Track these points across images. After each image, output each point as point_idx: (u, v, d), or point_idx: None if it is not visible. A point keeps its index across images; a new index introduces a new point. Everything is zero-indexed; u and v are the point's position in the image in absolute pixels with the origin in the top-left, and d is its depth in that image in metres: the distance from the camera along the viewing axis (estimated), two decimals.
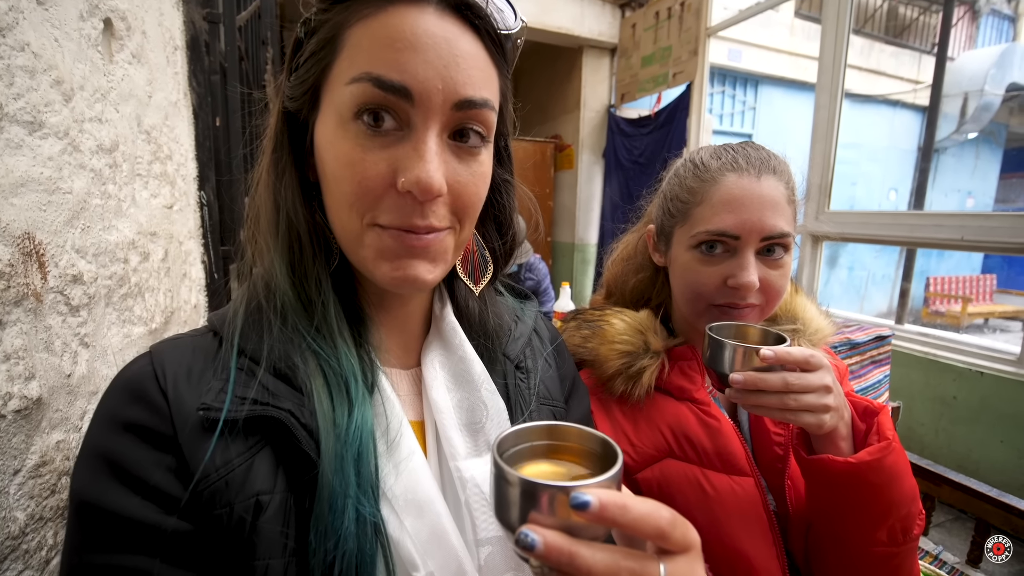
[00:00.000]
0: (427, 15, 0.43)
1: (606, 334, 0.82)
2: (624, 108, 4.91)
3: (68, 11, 0.74)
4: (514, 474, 0.36)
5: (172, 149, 1.23)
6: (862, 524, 0.67)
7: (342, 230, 0.48)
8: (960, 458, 2.51)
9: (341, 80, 0.44)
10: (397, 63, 0.42)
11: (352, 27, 0.44)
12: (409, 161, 0.43)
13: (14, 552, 0.59)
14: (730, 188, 0.76)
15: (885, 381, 1.72)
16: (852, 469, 0.64)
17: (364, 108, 0.43)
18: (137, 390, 0.43)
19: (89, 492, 0.41)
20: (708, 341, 0.68)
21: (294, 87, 0.48)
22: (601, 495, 0.34)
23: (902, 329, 2.86)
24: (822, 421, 0.63)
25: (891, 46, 7.95)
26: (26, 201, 0.62)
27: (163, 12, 1.22)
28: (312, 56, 0.46)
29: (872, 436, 0.66)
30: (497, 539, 0.49)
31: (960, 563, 1.36)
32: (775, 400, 0.63)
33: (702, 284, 0.77)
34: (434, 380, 0.54)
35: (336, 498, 0.41)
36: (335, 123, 0.45)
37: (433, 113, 0.43)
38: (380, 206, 0.45)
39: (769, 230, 0.74)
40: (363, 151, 0.44)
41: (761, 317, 0.79)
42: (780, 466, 0.78)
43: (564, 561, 0.33)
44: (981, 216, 2.36)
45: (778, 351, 0.62)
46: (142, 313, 0.98)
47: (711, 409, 0.79)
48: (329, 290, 0.49)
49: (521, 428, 0.42)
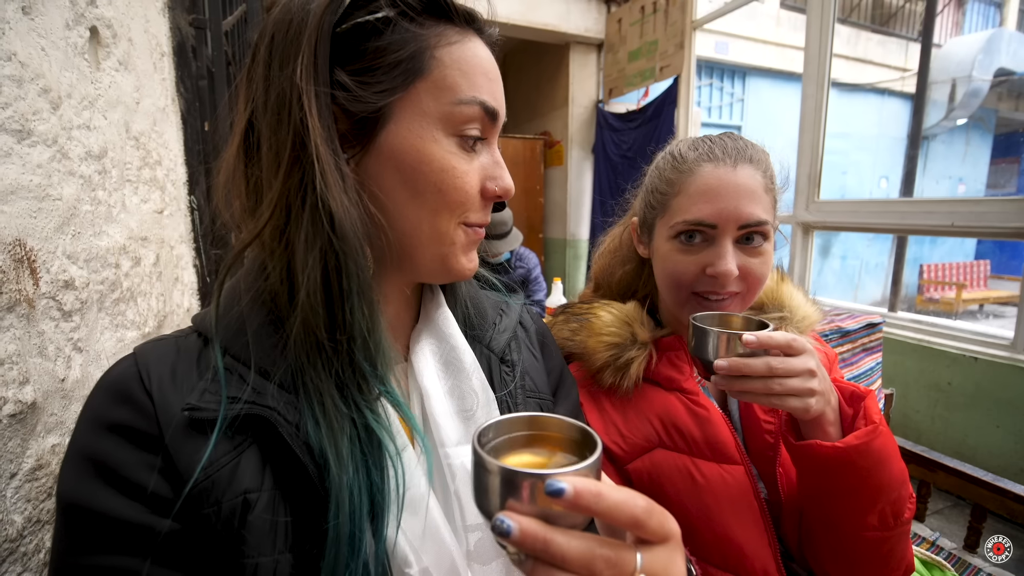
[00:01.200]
0: (484, 48, 0.52)
1: (593, 327, 0.83)
2: (612, 103, 4.92)
3: (54, 20, 0.74)
4: (493, 462, 0.36)
5: (161, 154, 1.23)
6: (852, 509, 0.68)
7: (428, 231, 0.51)
8: (956, 444, 2.53)
9: (443, 98, 0.49)
10: (493, 92, 0.51)
11: (443, 48, 0.49)
12: (497, 171, 0.53)
13: (12, 555, 0.60)
14: (706, 178, 0.77)
15: (877, 368, 1.73)
16: (839, 454, 0.64)
17: (465, 125, 0.50)
18: (122, 391, 0.43)
19: (76, 494, 0.41)
20: (692, 330, 0.68)
21: (372, 92, 0.47)
22: (576, 483, 0.34)
23: (895, 316, 2.88)
24: (808, 405, 0.64)
25: (878, 34, 7.98)
26: (16, 208, 0.63)
27: (149, 19, 1.22)
28: (398, 66, 0.47)
29: (859, 420, 0.67)
30: (486, 525, 0.49)
31: (957, 548, 1.37)
32: (760, 385, 0.63)
33: (681, 273, 0.78)
34: (425, 368, 0.54)
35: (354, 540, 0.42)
36: (429, 135, 0.49)
37: (498, 130, 0.54)
38: (472, 207, 0.52)
39: (746, 218, 0.74)
40: (466, 163, 0.50)
41: (743, 305, 0.80)
42: (771, 454, 0.79)
43: (539, 548, 0.34)
44: (971, 202, 2.38)
45: (760, 336, 0.63)
46: (135, 317, 0.99)
47: (700, 398, 0.80)
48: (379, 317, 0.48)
49: (502, 419, 0.42)
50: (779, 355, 0.64)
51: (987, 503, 1.26)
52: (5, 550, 0.59)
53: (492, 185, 0.52)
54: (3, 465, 0.59)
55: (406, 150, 0.48)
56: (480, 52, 0.51)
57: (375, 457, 0.45)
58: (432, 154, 0.48)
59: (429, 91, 0.48)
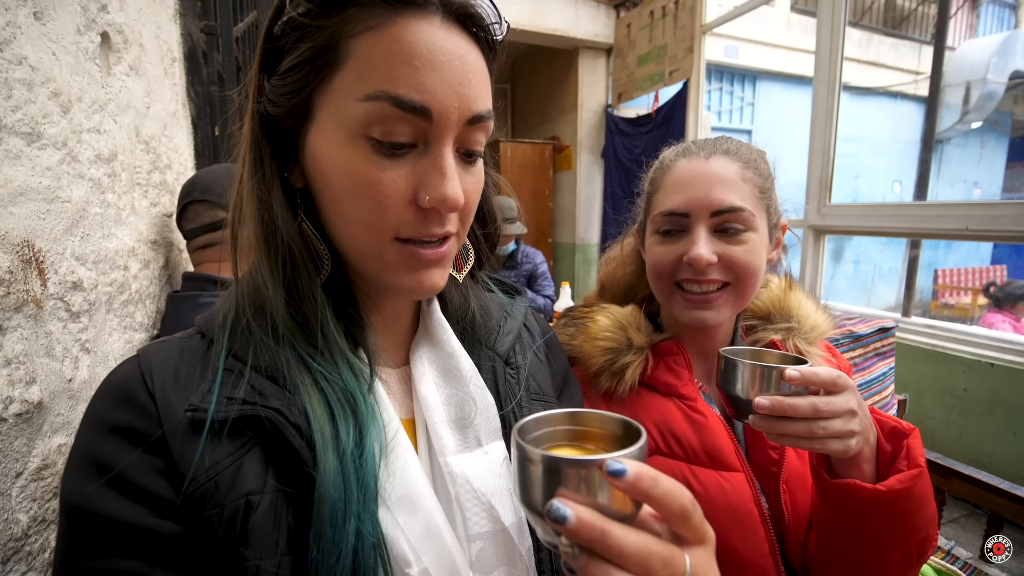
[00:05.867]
0: (435, 28, 0.42)
1: (589, 331, 0.83)
2: (621, 107, 4.92)
3: (65, 25, 0.76)
4: (539, 452, 0.35)
5: (171, 158, 1.25)
6: (879, 547, 0.66)
7: (357, 245, 0.48)
8: (973, 452, 2.47)
9: (349, 95, 0.43)
10: (416, 82, 0.42)
11: (356, 37, 0.42)
12: (432, 178, 0.44)
13: (17, 554, 0.61)
14: (679, 171, 0.78)
15: (890, 374, 1.70)
16: (881, 496, 0.61)
17: (380, 127, 0.43)
18: (125, 393, 0.43)
19: (79, 496, 0.40)
20: (722, 362, 0.64)
21: (279, 93, 0.46)
22: (635, 465, 0.33)
23: (909, 322, 2.83)
24: (848, 446, 0.60)
25: (890, 37, 7.90)
26: (25, 210, 0.63)
27: (160, 25, 1.24)
28: (305, 64, 0.44)
29: (901, 461, 0.64)
30: (488, 534, 0.49)
31: (973, 558, 1.33)
32: (803, 428, 0.58)
33: (661, 264, 0.78)
34: (423, 377, 0.54)
35: (336, 515, 0.41)
36: (342, 138, 0.44)
37: (450, 130, 0.44)
38: (401, 221, 0.45)
39: (717, 204, 0.74)
40: (380, 169, 0.44)
41: (739, 300, 0.78)
42: (775, 470, 0.77)
43: (596, 538, 0.33)
44: (985, 205, 2.34)
45: (804, 371, 0.58)
46: (143, 319, 0.99)
47: (697, 404, 0.78)
48: (326, 307, 0.49)
49: (542, 415, 0.42)
50: (820, 392, 0.60)
51: (1003, 511, 1.23)
52: (10, 549, 0.60)
53: (424, 194, 0.44)
54: (9, 464, 0.60)
55: (322, 157, 0.46)
56: (407, 34, 0.42)
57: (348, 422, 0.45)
58: (350, 163, 0.44)
59: (342, 87, 0.43)
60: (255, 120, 0.48)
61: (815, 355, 0.83)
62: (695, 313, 0.77)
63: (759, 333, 0.86)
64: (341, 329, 0.50)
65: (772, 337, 0.84)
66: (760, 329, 0.86)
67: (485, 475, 0.50)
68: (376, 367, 0.51)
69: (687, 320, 0.78)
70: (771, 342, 0.84)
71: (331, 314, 0.49)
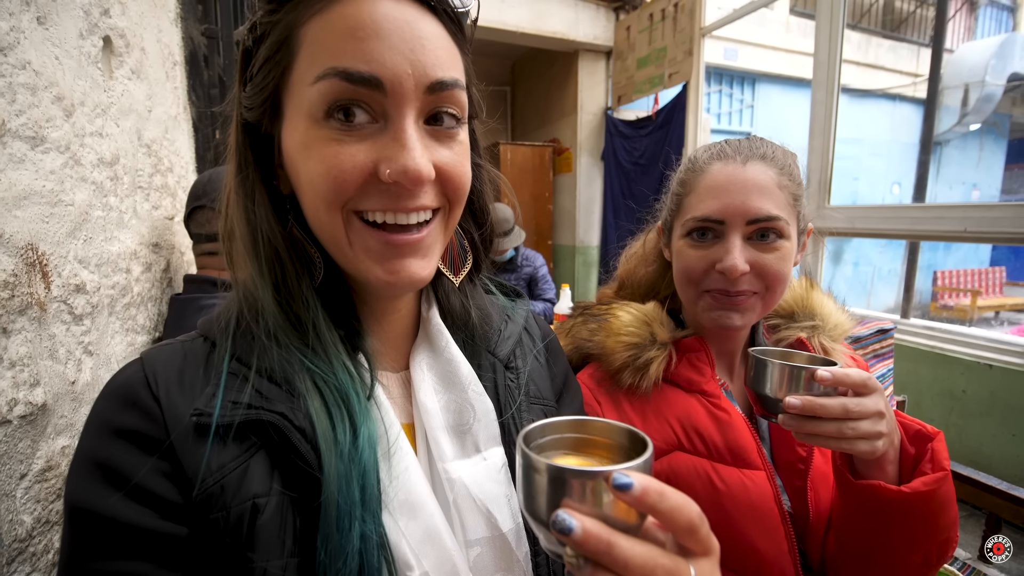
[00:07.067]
0: (382, 0, 0.42)
1: (612, 327, 0.83)
2: (621, 110, 4.93)
3: (68, 30, 0.76)
4: (545, 462, 0.35)
5: (173, 162, 1.25)
6: (901, 548, 0.66)
7: (324, 232, 0.47)
8: (972, 453, 2.48)
9: (304, 81, 0.43)
10: (363, 53, 0.41)
11: (306, 24, 0.43)
12: (391, 151, 0.43)
13: (21, 555, 0.61)
14: (715, 175, 0.76)
15: (889, 375, 1.70)
16: (905, 498, 0.61)
17: (335, 105, 0.42)
18: (129, 396, 0.43)
19: (84, 499, 0.40)
20: (752, 362, 0.65)
21: (252, 97, 0.47)
22: (641, 478, 0.33)
23: (908, 323, 2.84)
24: (875, 448, 0.60)
25: (889, 40, 7.93)
26: (29, 213, 0.64)
27: (162, 29, 1.25)
28: (267, 62, 0.45)
29: (926, 464, 0.64)
30: (486, 540, 0.49)
31: (972, 559, 1.34)
32: (832, 428, 0.59)
33: (691, 269, 0.78)
34: (422, 383, 0.54)
35: (342, 518, 0.41)
36: (305, 126, 0.44)
37: (407, 99, 0.43)
38: (362, 195, 0.44)
39: (754, 213, 0.73)
40: (339, 144, 0.43)
41: (765, 307, 0.78)
42: (802, 467, 0.77)
43: (602, 549, 0.32)
44: (983, 207, 2.35)
45: (835, 372, 0.59)
46: (145, 322, 1.00)
47: (721, 401, 0.79)
48: (318, 308, 0.49)
49: (547, 422, 0.42)
50: (848, 393, 0.60)
51: (1001, 512, 1.23)
52: (15, 550, 0.60)
53: (384, 167, 0.43)
54: (13, 466, 0.60)
55: (293, 151, 0.45)
56: (351, 9, 0.41)
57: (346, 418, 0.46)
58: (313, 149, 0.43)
59: (299, 77, 0.43)
60: (239, 130, 0.49)
61: (840, 353, 0.83)
62: (722, 315, 0.77)
63: (783, 331, 0.86)
64: (338, 333, 0.50)
65: (798, 335, 0.84)
66: (784, 327, 0.86)
67: (483, 481, 0.50)
68: (376, 371, 0.51)
69: (714, 322, 0.78)
70: (798, 340, 0.84)
71: (324, 315, 0.49)
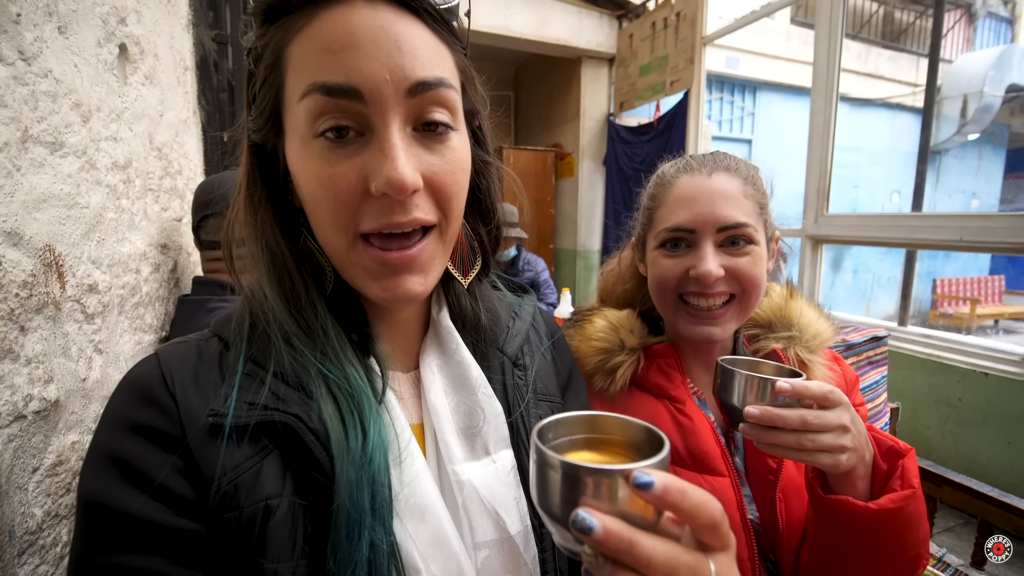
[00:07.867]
0: (357, 10, 0.42)
1: (585, 332, 0.86)
2: (623, 116, 4.97)
3: (87, 38, 0.79)
4: (561, 459, 0.34)
5: (182, 164, 1.27)
6: (870, 564, 0.66)
7: (330, 249, 0.48)
8: (968, 461, 2.49)
9: (294, 99, 0.44)
10: (339, 64, 0.41)
11: (291, 44, 0.44)
12: (376, 163, 0.42)
13: (31, 547, 0.63)
14: (683, 187, 0.80)
15: (883, 382, 1.72)
16: (872, 515, 0.62)
17: (322, 122, 0.43)
18: (146, 392, 0.43)
19: (98, 492, 0.40)
20: (719, 371, 0.66)
21: (255, 119, 0.49)
22: (662, 476, 0.32)
23: (904, 331, 2.86)
24: (838, 461, 0.61)
25: (888, 50, 7.98)
26: (47, 215, 0.66)
27: (174, 35, 1.27)
28: (264, 83, 0.46)
29: (895, 480, 0.64)
30: (494, 542, 0.49)
31: (964, 565, 1.35)
32: (791, 439, 0.60)
33: (666, 277, 0.80)
34: (432, 384, 0.54)
35: (352, 526, 0.41)
36: (299, 144, 0.45)
37: (388, 106, 0.42)
38: (360, 215, 0.44)
39: (723, 220, 0.75)
40: (331, 165, 0.43)
41: (743, 312, 0.79)
42: (772, 478, 0.77)
43: (623, 548, 0.32)
44: (980, 217, 2.37)
45: (795, 384, 0.60)
46: (152, 322, 1.02)
47: (686, 408, 0.80)
48: (327, 315, 0.49)
49: (562, 417, 0.41)
50: (813, 406, 0.61)
51: (993, 519, 1.24)
52: (26, 542, 0.62)
53: (371, 181, 0.43)
54: (27, 460, 0.62)
55: (294, 168, 0.47)
56: (327, 24, 0.42)
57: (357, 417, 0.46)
58: (308, 166, 0.44)
59: (290, 95, 0.45)
60: (249, 152, 0.51)
61: (817, 364, 0.83)
62: (702, 329, 0.78)
63: (761, 342, 0.87)
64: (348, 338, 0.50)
65: (773, 346, 0.84)
66: (762, 338, 0.87)
67: (492, 484, 0.51)
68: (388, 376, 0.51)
69: (693, 336, 0.79)
70: (772, 351, 0.84)
71: (333, 321, 0.50)
